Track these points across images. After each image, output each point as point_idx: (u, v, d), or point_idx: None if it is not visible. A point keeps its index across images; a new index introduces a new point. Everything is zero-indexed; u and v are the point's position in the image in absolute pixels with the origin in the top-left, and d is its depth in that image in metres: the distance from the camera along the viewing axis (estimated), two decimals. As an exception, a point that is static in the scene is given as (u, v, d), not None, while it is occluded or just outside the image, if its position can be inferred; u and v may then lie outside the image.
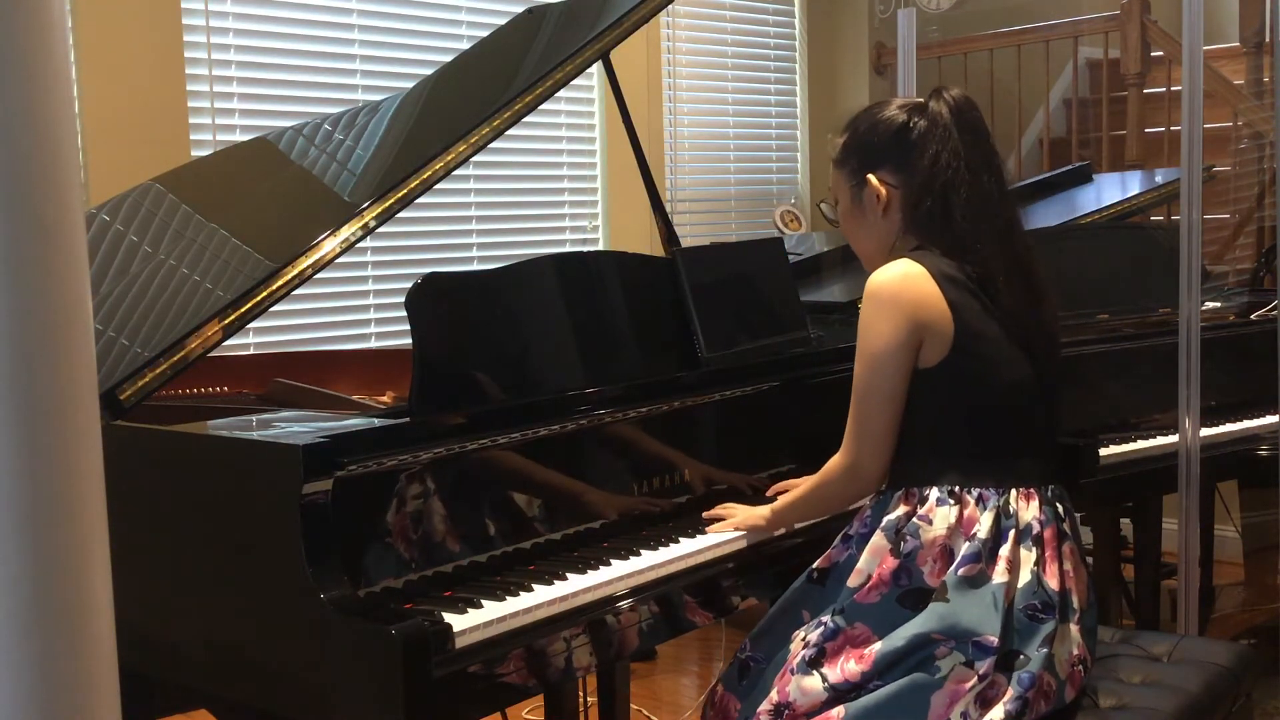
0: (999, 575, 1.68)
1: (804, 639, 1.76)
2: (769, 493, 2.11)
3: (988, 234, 1.80)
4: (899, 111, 1.87)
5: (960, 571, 1.68)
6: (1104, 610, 2.95)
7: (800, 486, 1.96)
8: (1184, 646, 2.00)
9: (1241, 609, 3.70)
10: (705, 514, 2.00)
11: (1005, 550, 1.70)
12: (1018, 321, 1.80)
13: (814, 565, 1.84)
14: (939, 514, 1.73)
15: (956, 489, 1.74)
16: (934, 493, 1.74)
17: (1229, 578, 3.85)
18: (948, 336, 1.75)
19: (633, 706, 2.94)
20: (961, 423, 1.79)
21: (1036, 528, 1.74)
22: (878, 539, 1.75)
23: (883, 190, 1.86)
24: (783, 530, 1.99)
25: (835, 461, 1.85)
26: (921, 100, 1.87)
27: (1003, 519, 1.72)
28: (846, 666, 1.68)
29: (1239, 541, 3.70)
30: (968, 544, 1.70)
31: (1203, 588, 3.42)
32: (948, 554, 1.71)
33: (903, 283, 1.77)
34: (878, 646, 1.67)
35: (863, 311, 1.80)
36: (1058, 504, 1.80)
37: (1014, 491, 1.75)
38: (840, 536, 1.84)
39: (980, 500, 1.73)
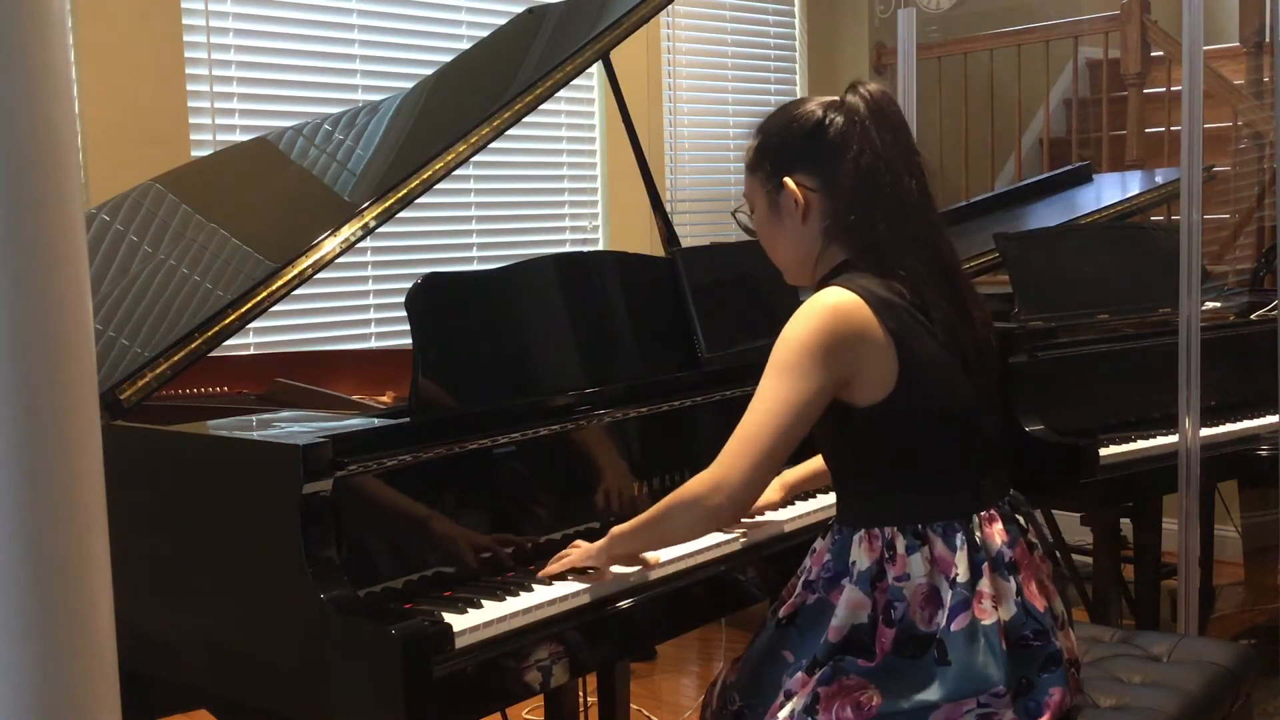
0: (986, 616, 1.60)
1: (787, 688, 1.66)
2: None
3: (911, 242, 1.68)
4: (815, 107, 1.72)
5: (953, 626, 1.60)
6: (1104, 610, 2.95)
7: (643, 514, 1.75)
8: (1184, 646, 1.99)
9: (1241, 609, 3.70)
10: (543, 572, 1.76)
11: (984, 585, 1.62)
12: (953, 336, 1.67)
13: (780, 614, 1.72)
14: (913, 563, 1.62)
15: (920, 526, 1.64)
16: (899, 540, 1.63)
17: (1229, 578, 3.85)
18: (891, 370, 1.62)
19: (633, 706, 2.93)
20: (915, 456, 1.67)
21: (1007, 554, 1.65)
22: (852, 593, 1.63)
23: (800, 194, 1.72)
24: (619, 562, 1.76)
25: (701, 481, 1.65)
26: (838, 97, 1.72)
27: (973, 553, 1.64)
28: (843, 714, 1.60)
29: (1239, 541, 3.69)
30: (952, 591, 1.61)
31: (1203, 588, 3.43)
32: (934, 596, 1.63)
33: (834, 318, 1.61)
34: (878, 702, 1.60)
35: (789, 338, 1.62)
36: (1018, 516, 1.72)
37: (976, 518, 1.66)
38: (801, 583, 1.72)
39: (946, 535, 1.64)
